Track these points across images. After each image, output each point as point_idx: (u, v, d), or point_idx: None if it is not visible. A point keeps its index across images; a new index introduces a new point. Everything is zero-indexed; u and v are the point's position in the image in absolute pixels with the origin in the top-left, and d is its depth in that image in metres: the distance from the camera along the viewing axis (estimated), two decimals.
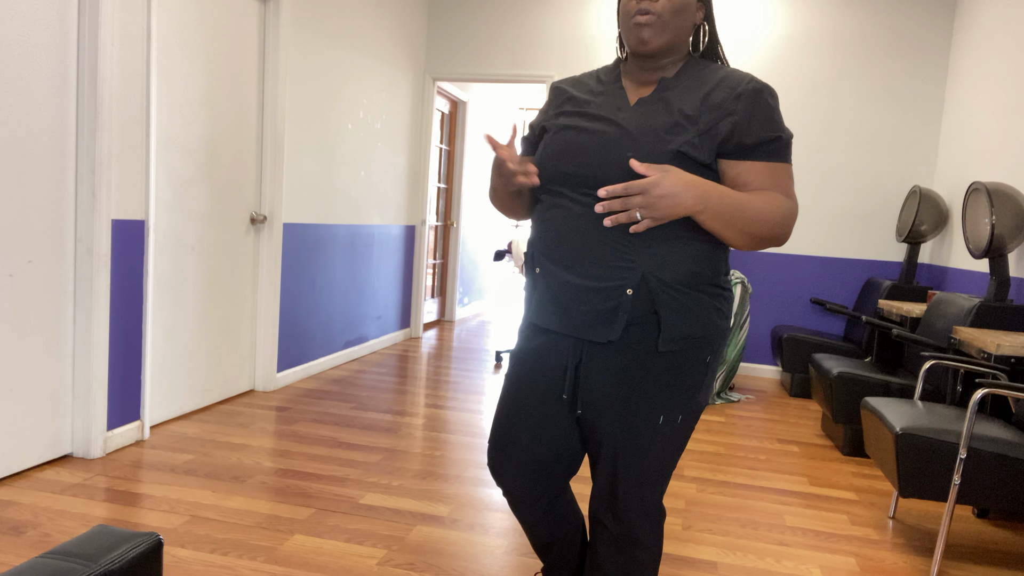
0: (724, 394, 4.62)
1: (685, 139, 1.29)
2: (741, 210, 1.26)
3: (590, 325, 1.34)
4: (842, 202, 5.24)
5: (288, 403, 3.85)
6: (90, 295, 2.84)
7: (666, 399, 1.36)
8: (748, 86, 1.33)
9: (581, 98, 1.43)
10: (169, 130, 3.21)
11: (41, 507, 2.42)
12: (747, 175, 1.33)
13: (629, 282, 1.31)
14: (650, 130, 1.30)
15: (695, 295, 1.34)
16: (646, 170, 1.22)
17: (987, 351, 2.72)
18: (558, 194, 1.37)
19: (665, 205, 1.21)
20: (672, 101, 1.34)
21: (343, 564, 2.18)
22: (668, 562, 2.33)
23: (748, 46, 5.29)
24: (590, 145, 1.33)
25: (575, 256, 1.33)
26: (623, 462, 1.38)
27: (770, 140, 1.32)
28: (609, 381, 1.37)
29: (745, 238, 1.29)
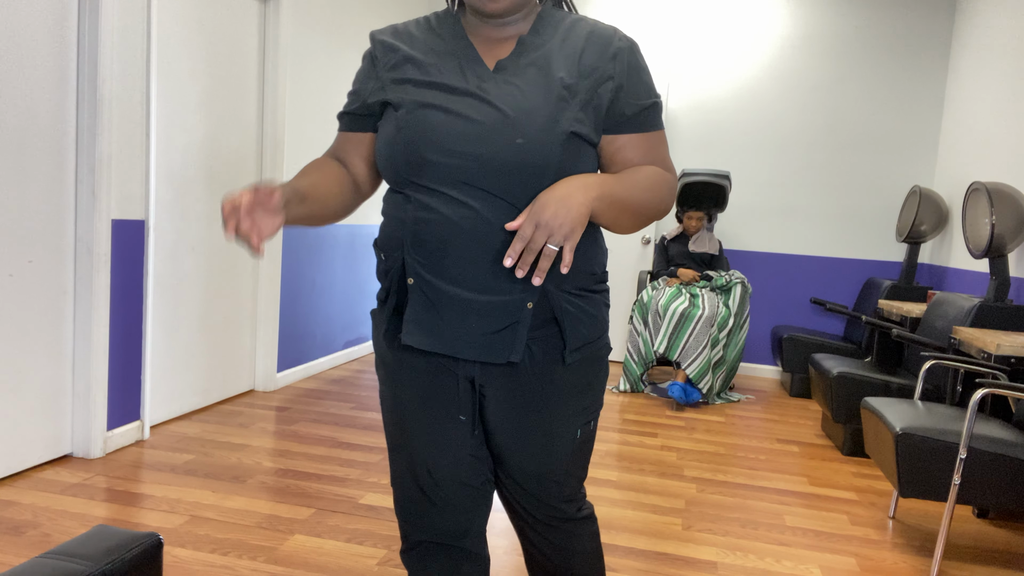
0: (724, 394, 4.62)
1: (573, 116, 1.11)
2: (631, 190, 1.13)
3: (486, 345, 1.15)
4: (842, 202, 5.24)
5: (288, 403, 3.85)
6: (90, 295, 2.84)
7: (577, 411, 1.25)
8: (620, 44, 1.17)
9: (422, 60, 1.17)
10: (169, 130, 3.21)
11: (41, 507, 2.42)
12: (627, 150, 1.18)
13: (529, 295, 1.14)
14: (532, 109, 1.10)
15: (590, 296, 1.23)
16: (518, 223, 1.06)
17: (987, 351, 2.72)
18: (430, 191, 1.13)
19: (562, 218, 1.04)
20: (548, 66, 1.14)
21: (343, 564, 2.18)
22: (668, 562, 2.33)
23: (748, 46, 5.29)
24: (464, 133, 1.10)
25: (464, 267, 1.12)
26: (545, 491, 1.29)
27: (648, 107, 1.18)
28: (514, 408, 1.22)
29: (635, 221, 1.17)
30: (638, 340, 4.60)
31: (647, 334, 4.56)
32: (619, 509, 2.73)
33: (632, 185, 1.14)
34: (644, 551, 2.39)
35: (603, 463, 3.23)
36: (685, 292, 4.53)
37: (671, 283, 4.68)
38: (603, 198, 1.09)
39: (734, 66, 5.33)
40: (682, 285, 4.63)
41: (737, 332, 4.61)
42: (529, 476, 1.28)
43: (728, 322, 4.49)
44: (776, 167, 5.32)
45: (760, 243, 5.40)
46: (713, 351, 4.42)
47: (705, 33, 5.36)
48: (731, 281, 4.63)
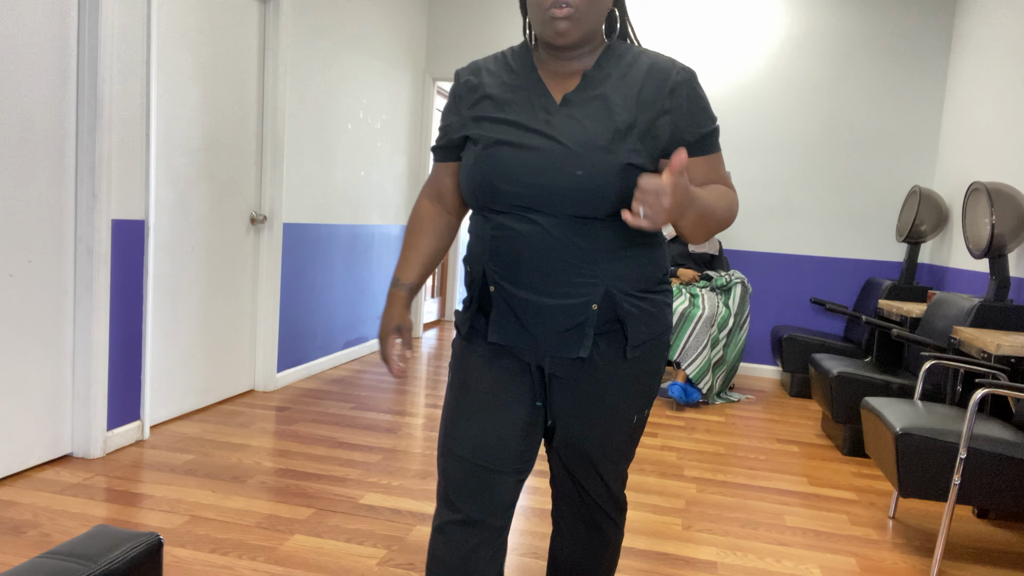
0: (724, 394, 4.62)
1: (629, 147, 1.24)
2: (711, 211, 1.23)
3: (558, 343, 1.32)
4: (842, 202, 5.24)
5: (288, 403, 3.85)
6: (90, 295, 2.84)
7: (635, 399, 1.38)
8: (678, 77, 1.28)
9: (498, 96, 1.32)
10: (169, 130, 3.21)
11: (41, 507, 2.42)
12: (691, 172, 1.31)
13: (593, 297, 1.29)
14: (592, 143, 1.24)
15: (651, 298, 1.35)
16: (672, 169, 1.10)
17: (987, 351, 2.72)
18: (501, 214, 1.31)
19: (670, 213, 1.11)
20: (608, 100, 1.27)
21: (343, 564, 2.18)
22: (668, 562, 2.33)
23: (748, 46, 5.29)
24: (532, 165, 1.25)
25: (535, 277, 1.29)
26: (603, 468, 1.41)
27: (708, 133, 1.30)
28: (581, 395, 1.36)
29: (707, 233, 1.27)
30: None
31: None
32: None
33: (713, 199, 1.24)
34: (644, 551, 2.39)
35: None
36: (685, 292, 4.53)
37: (671, 283, 4.68)
38: (696, 209, 1.19)
39: (734, 66, 5.33)
40: (682, 285, 4.63)
41: (737, 332, 4.61)
42: (590, 455, 1.40)
43: (728, 322, 4.49)
44: (776, 167, 5.32)
45: (760, 243, 5.40)
46: (713, 351, 4.42)
47: (705, 33, 5.36)
48: (731, 281, 4.63)
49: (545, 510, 2.67)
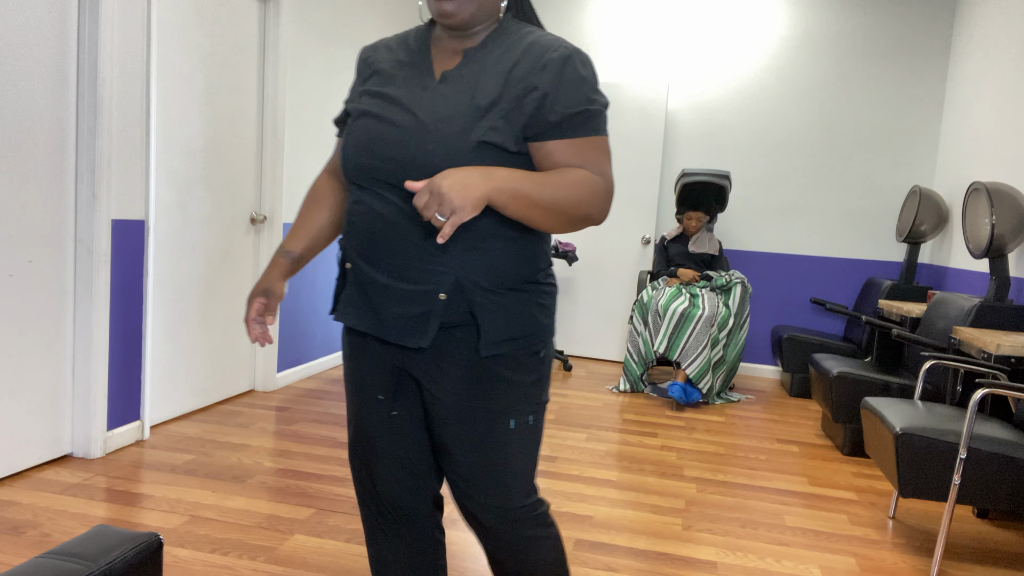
0: (724, 394, 4.62)
1: (488, 125, 1.19)
2: (541, 187, 1.16)
3: (403, 329, 1.26)
4: (842, 202, 5.24)
5: (288, 403, 3.85)
6: (90, 295, 2.84)
7: (512, 402, 1.28)
8: (554, 55, 1.21)
9: (386, 71, 1.30)
10: (169, 130, 3.21)
11: (41, 507, 2.42)
12: (555, 155, 1.22)
13: (442, 286, 1.23)
14: (448, 119, 1.19)
15: (513, 295, 1.26)
16: (419, 185, 1.12)
17: (987, 351, 2.72)
18: (363, 188, 1.27)
19: (456, 194, 1.07)
20: (477, 78, 1.23)
21: (343, 564, 2.18)
22: (668, 562, 2.33)
23: (748, 46, 5.29)
24: (388, 138, 1.22)
25: (386, 256, 1.24)
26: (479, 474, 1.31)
27: (576, 113, 1.21)
28: (442, 394, 1.29)
29: (552, 219, 1.19)
30: (638, 340, 4.60)
31: (647, 334, 4.56)
32: (619, 509, 2.73)
33: (543, 183, 1.17)
34: (644, 551, 2.39)
35: (603, 463, 3.24)
36: (685, 292, 4.53)
37: (671, 283, 4.68)
38: (504, 190, 1.13)
39: (734, 66, 5.33)
40: (682, 285, 4.63)
41: (737, 332, 4.61)
42: (461, 465, 1.32)
43: (728, 322, 4.49)
44: (776, 167, 5.32)
45: (760, 243, 5.40)
46: (713, 351, 4.42)
47: (705, 33, 5.36)
48: (731, 281, 4.63)
49: None
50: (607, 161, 1.25)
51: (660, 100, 5.28)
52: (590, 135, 1.23)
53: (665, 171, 5.51)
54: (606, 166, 1.25)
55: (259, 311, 1.38)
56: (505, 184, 1.13)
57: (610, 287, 5.54)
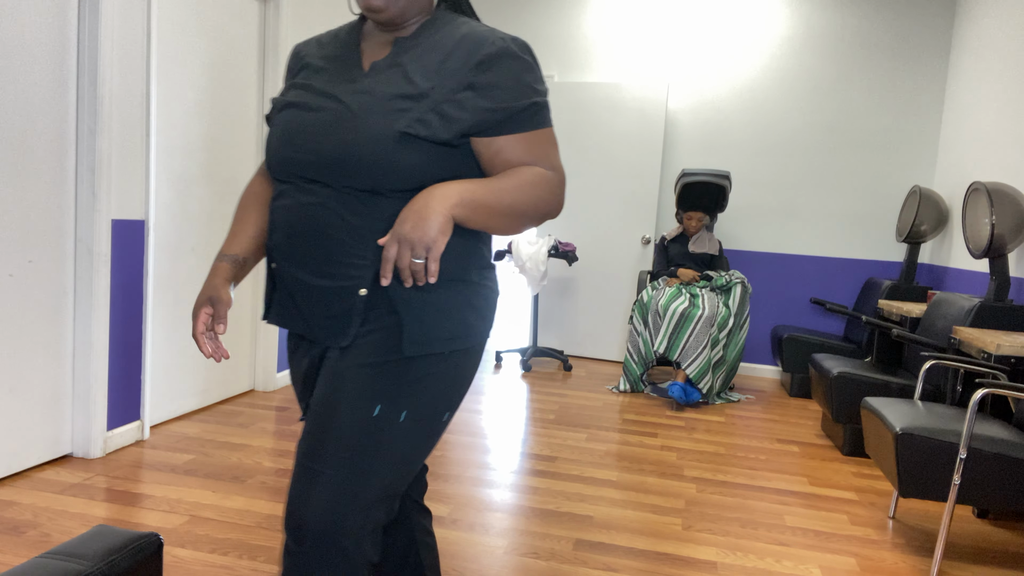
0: (724, 394, 4.62)
1: (415, 116, 1.13)
2: (499, 194, 1.13)
3: (325, 328, 1.20)
4: (842, 202, 5.24)
5: (288, 403, 3.85)
6: (90, 295, 2.84)
7: (393, 391, 1.17)
8: (492, 48, 1.17)
9: (316, 65, 1.26)
10: (169, 130, 3.21)
11: (41, 507, 2.42)
12: (506, 152, 1.18)
13: (362, 281, 1.17)
14: (372, 108, 1.14)
15: (441, 292, 1.20)
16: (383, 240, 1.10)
17: (987, 351, 2.72)
18: (285, 182, 1.22)
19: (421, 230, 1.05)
20: (406, 68, 1.18)
21: None
22: (668, 562, 2.33)
23: (748, 47, 5.29)
24: (310, 127, 1.17)
25: (306, 252, 1.19)
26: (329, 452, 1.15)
27: (523, 108, 1.17)
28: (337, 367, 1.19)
29: (513, 223, 1.17)
30: (638, 340, 4.60)
31: (647, 334, 4.56)
32: (619, 509, 2.73)
33: (499, 188, 1.14)
34: (644, 551, 2.39)
35: (603, 463, 3.24)
36: (685, 292, 4.53)
37: (671, 283, 4.68)
38: (464, 204, 1.10)
39: (734, 66, 5.33)
40: (682, 285, 4.63)
41: (737, 332, 4.61)
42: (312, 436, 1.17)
43: (728, 322, 4.49)
44: (776, 167, 5.32)
45: (760, 243, 5.40)
46: (713, 351, 4.42)
47: (705, 34, 5.36)
48: (731, 281, 4.63)
49: (546, 510, 2.67)
50: (556, 152, 1.23)
51: (660, 100, 5.28)
52: (538, 128, 1.20)
53: (665, 171, 5.51)
54: (556, 158, 1.23)
55: (207, 323, 1.30)
56: (463, 198, 1.10)
57: (610, 287, 5.54)
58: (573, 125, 5.50)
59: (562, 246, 5.09)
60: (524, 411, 4.02)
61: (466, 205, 1.10)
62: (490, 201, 1.13)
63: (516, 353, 5.46)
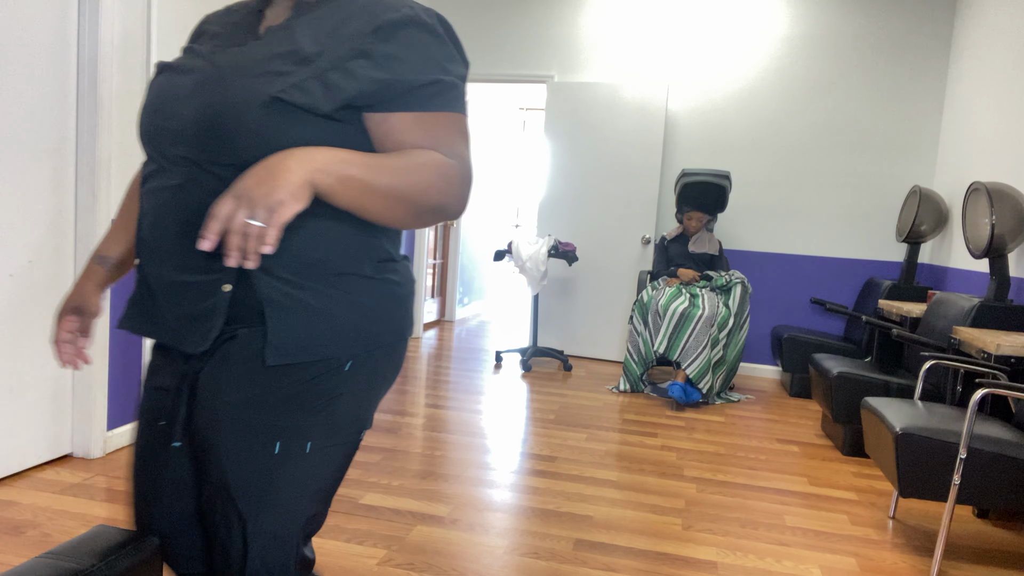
0: (724, 394, 4.62)
1: (292, 81, 0.96)
2: (378, 170, 0.95)
3: (181, 331, 1.02)
4: (842, 202, 5.24)
5: None
6: None
7: (283, 422, 1.01)
8: (392, 16, 1.01)
9: (213, 31, 1.11)
10: None
11: (41, 507, 2.42)
12: (399, 132, 1.01)
13: (227, 276, 0.99)
14: (243, 68, 0.98)
15: (321, 290, 1.01)
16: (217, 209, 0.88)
17: (987, 351, 2.72)
18: (153, 160, 1.05)
19: (267, 188, 0.87)
20: (295, 31, 1.02)
21: (343, 564, 2.18)
22: (668, 562, 2.33)
23: (748, 47, 5.29)
24: (179, 93, 1.01)
25: (169, 244, 1.01)
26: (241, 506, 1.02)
27: (425, 85, 1.01)
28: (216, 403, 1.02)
29: (394, 209, 0.97)
30: (638, 340, 4.60)
31: (647, 334, 4.56)
32: (619, 509, 2.73)
33: (382, 166, 0.96)
34: (644, 551, 2.39)
35: (603, 463, 3.24)
36: (685, 292, 4.53)
37: (671, 283, 4.68)
38: (329, 172, 0.91)
39: (734, 67, 5.33)
40: (682, 285, 4.64)
41: (737, 332, 4.61)
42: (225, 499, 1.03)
43: (728, 322, 4.49)
44: (776, 167, 5.32)
45: (760, 243, 5.40)
46: (713, 351, 4.42)
47: (705, 34, 5.36)
48: (731, 281, 4.64)
49: (546, 510, 2.67)
50: (465, 143, 1.05)
51: (660, 100, 5.28)
52: (443, 110, 1.03)
53: (665, 171, 5.51)
54: (463, 148, 1.04)
55: (70, 330, 1.16)
56: (329, 166, 0.91)
57: (610, 287, 5.54)
58: (573, 125, 5.50)
59: (562, 246, 5.09)
60: (524, 411, 4.02)
61: (332, 173, 0.91)
62: (365, 176, 0.94)
63: (516, 353, 5.46)
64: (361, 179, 0.94)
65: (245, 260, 0.87)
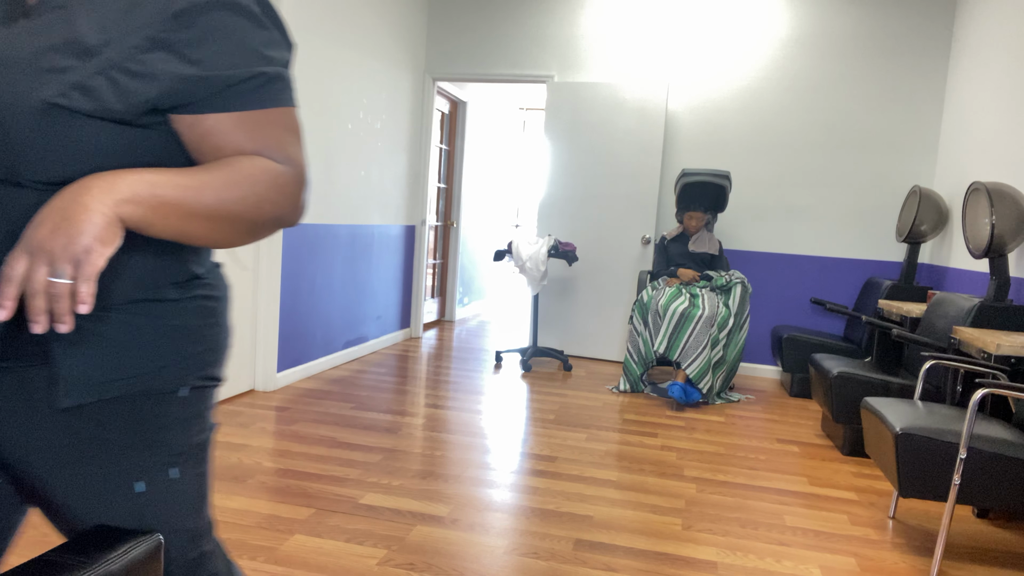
0: (724, 394, 4.62)
1: (73, 80, 0.79)
2: (198, 190, 0.81)
3: None
4: (842, 202, 5.24)
5: (288, 403, 3.85)
6: None
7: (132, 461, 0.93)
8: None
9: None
10: None
11: None
12: (218, 136, 0.86)
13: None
14: (13, 63, 0.79)
15: (124, 316, 0.89)
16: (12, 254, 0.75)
17: (987, 351, 2.72)
18: None
19: (66, 235, 0.72)
20: (73, 12, 0.82)
21: (343, 564, 2.18)
22: (668, 562, 2.33)
23: (748, 47, 5.29)
24: None
25: None
26: None
27: (244, 80, 0.85)
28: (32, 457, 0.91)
29: (225, 231, 0.84)
30: (638, 340, 4.60)
31: (647, 334, 4.56)
32: (619, 509, 2.73)
33: (200, 182, 0.81)
34: (644, 551, 2.39)
35: (603, 463, 3.24)
36: (685, 292, 4.53)
37: (671, 283, 4.68)
38: (140, 200, 0.76)
39: (734, 66, 5.33)
40: (682, 285, 4.64)
41: (737, 332, 4.61)
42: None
43: (728, 322, 4.49)
44: (776, 167, 5.32)
45: (760, 243, 5.40)
46: (713, 351, 4.42)
47: (705, 34, 5.36)
48: (731, 281, 4.64)
49: (546, 510, 2.67)
50: (296, 141, 0.91)
51: (660, 100, 5.28)
52: (268, 107, 0.88)
53: (665, 171, 5.51)
54: (294, 148, 0.91)
55: None
56: (138, 194, 0.76)
57: (610, 287, 5.54)
58: (573, 125, 5.50)
59: (562, 246, 5.09)
60: (524, 411, 4.02)
61: (143, 202, 0.77)
62: (184, 199, 0.79)
63: (516, 353, 5.46)
64: (179, 203, 0.79)
65: (58, 324, 0.73)
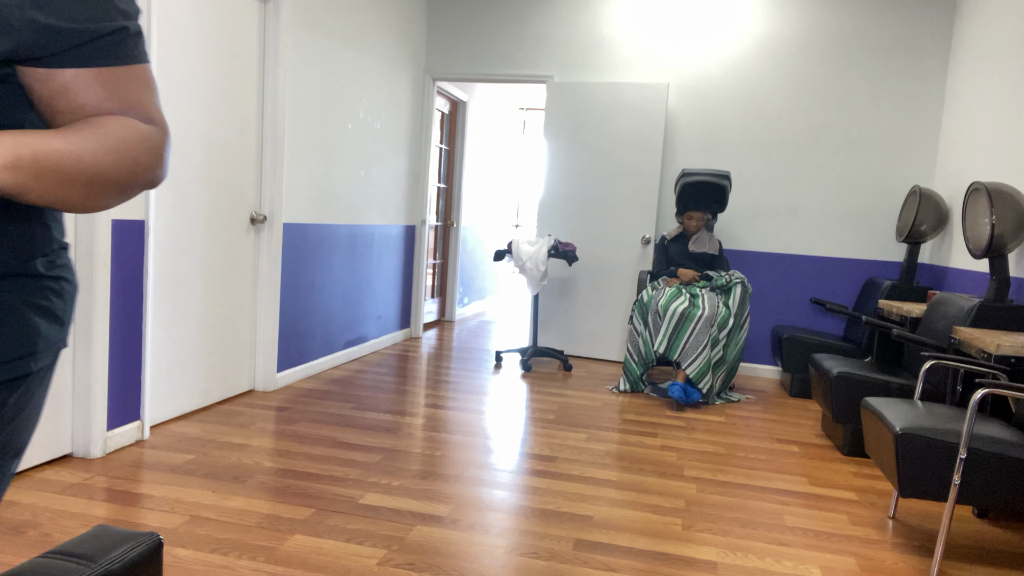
0: (724, 394, 4.62)
1: None
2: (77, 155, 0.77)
3: None
4: (842, 202, 5.24)
5: (288, 403, 3.85)
6: (90, 295, 2.84)
7: None
8: None
9: None
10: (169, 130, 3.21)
11: (41, 507, 2.42)
12: (75, 93, 0.82)
13: None
14: None
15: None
16: None
17: (987, 351, 2.72)
18: None
19: None
20: None
21: (343, 564, 2.18)
22: (668, 562, 2.33)
23: (748, 46, 5.29)
24: None
25: None
26: None
27: (108, 33, 0.82)
28: None
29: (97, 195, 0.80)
30: (638, 340, 4.60)
31: (647, 334, 4.56)
32: (619, 509, 2.73)
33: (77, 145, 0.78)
34: (644, 551, 2.39)
35: (603, 463, 3.24)
36: (685, 292, 4.53)
37: (671, 283, 4.68)
38: (21, 167, 0.72)
39: (734, 66, 5.33)
40: (682, 285, 4.63)
41: (737, 332, 4.61)
42: None
43: (728, 322, 4.49)
44: (776, 167, 5.32)
45: (760, 243, 5.40)
46: (713, 351, 4.42)
47: (706, 34, 5.36)
48: (731, 281, 4.64)
49: (546, 510, 2.67)
50: (155, 99, 0.88)
51: (660, 100, 5.28)
52: (129, 63, 0.85)
53: (665, 171, 5.51)
54: (154, 107, 0.88)
55: None
56: (19, 157, 0.72)
57: (610, 287, 5.54)
58: (573, 125, 5.50)
59: (562, 246, 5.09)
60: (524, 411, 4.02)
61: (24, 168, 0.72)
62: (63, 164, 0.75)
63: (516, 353, 5.46)
64: (58, 168, 0.74)
65: None
